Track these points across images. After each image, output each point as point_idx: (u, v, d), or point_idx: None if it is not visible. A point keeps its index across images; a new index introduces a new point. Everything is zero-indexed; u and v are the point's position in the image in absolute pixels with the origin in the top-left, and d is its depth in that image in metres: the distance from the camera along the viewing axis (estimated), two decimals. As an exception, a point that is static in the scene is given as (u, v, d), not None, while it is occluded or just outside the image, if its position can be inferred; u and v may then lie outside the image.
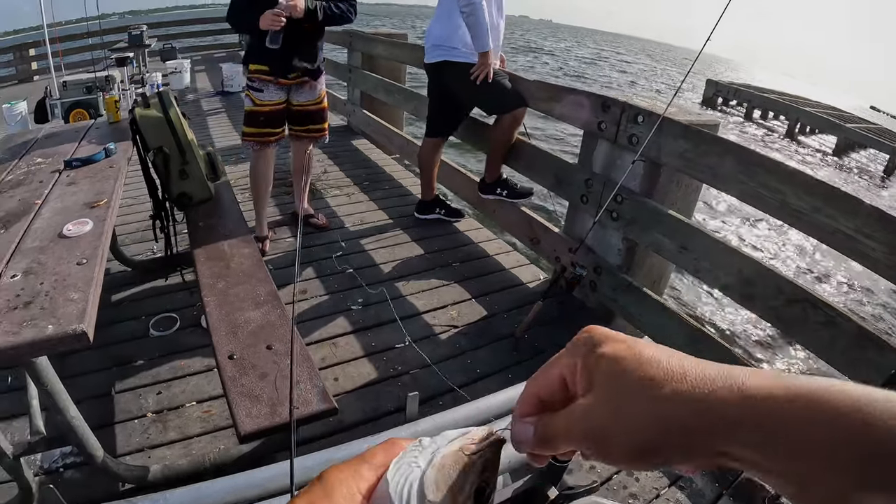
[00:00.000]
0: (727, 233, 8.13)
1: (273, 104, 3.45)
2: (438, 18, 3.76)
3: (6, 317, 1.40)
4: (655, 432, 0.37)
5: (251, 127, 3.51)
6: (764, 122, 22.58)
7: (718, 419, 0.35)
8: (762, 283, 2.30)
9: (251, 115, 3.49)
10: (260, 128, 3.49)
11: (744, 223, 8.42)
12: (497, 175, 3.96)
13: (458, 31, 3.60)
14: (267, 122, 3.49)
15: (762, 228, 8.24)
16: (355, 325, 3.07)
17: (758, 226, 8.32)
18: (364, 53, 6.60)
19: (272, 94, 3.42)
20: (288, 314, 2.01)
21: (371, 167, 5.77)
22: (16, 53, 15.21)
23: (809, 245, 7.74)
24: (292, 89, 3.52)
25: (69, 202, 2.16)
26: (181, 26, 17.41)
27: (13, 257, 1.72)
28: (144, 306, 3.18)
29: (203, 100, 9.59)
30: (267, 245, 3.81)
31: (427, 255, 3.90)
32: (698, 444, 0.36)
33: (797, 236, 7.68)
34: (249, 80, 3.44)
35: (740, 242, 7.81)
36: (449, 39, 3.68)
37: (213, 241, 2.59)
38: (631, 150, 2.85)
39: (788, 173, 2.20)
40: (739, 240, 7.93)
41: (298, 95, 3.55)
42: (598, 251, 3.16)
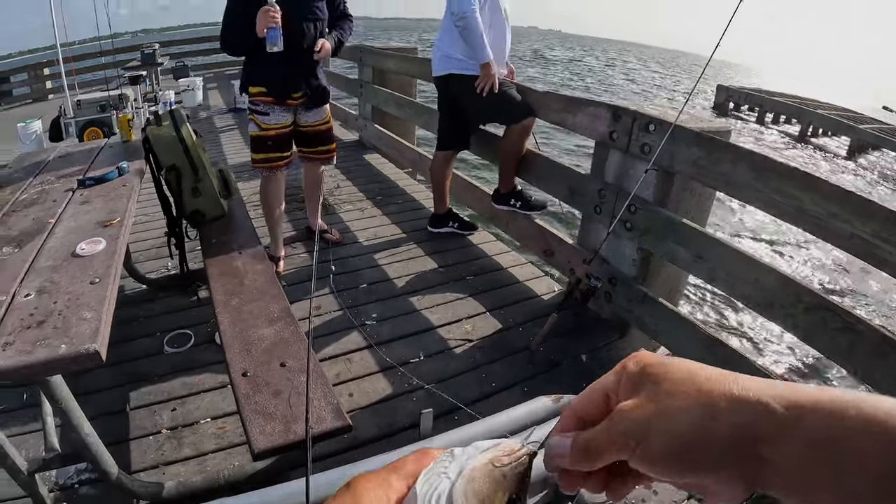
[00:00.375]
0: (744, 239, 8.09)
1: (280, 127, 3.41)
2: (443, 32, 3.78)
3: (20, 336, 1.40)
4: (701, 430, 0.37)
5: (259, 152, 3.47)
6: (776, 126, 22.42)
7: (766, 421, 0.35)
8: (780, 290, 2.27)
9: (258, 140, 3.44)
10: (268, 153, 3.45)
11: (762, 231, 8.36)
12: (511, 186, 3.95)
13: (461, 44, 3.61)
14: (275, 146, 3.45)
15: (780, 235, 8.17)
16: (370, 340, 3.06)
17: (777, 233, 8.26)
18: (375, 68, 6.62)
19: (278, 117, 3.38)
20: (301, 331, 2.01)
21: (384, 181, 5.79)
22: (30, 73, 15.47)
23: (829, 251, 7.67)
24: (298, 110, 3.48)
25: (82, 221, 2.17)
26: (193, 44, 17.58)
27: (27, 276, 1.73)
28: (159, 323, 3.19)
29: (215, 117, 9.69)
30: (282, 265, 3.80)
31: (441, 268, 3.90)
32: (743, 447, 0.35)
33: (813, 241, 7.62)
34: (253, 104, 3.38)
35: (756, 246, 7.76)
36: (454, 52, 3.70)
37: (226, 259, 2.59)
38: (643, 159, 2.83)
39: (803, 178, 2.18)
40: (754, 241, 7.90)
41: (306, 116, 3.52)
42: (612, 262, 3.14)
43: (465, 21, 3.43)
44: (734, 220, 8.57)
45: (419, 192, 5.43)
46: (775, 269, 2.34)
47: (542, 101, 3.65)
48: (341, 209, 4.92)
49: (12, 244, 1.98)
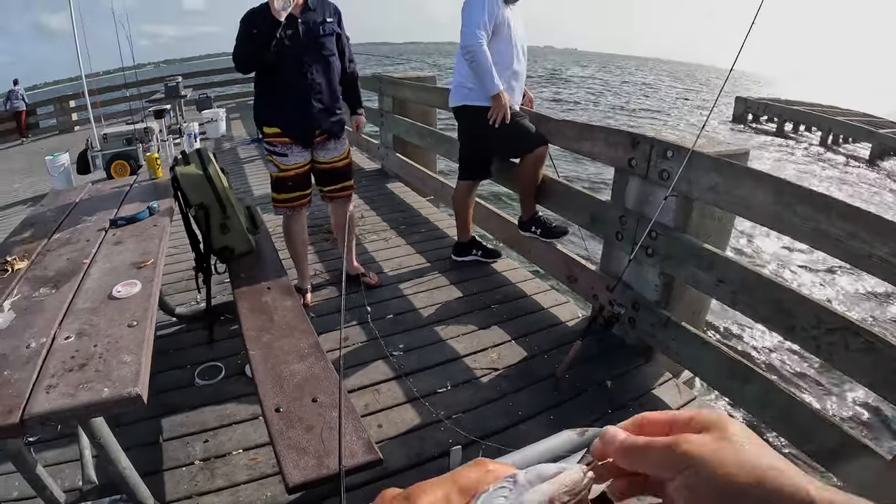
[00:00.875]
0: (766, 259, 8.04)
1: (299, 167, 3.42)
2: (457, 63, 3.83)
3: (63, 378, 1.46)
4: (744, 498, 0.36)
5: (280, 193, 3.48)
6: (796, 135, 22.17)
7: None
8: (801, 312, 2.28)
9: (278, 181, 3.45)
10: (289, 192, 3.47)
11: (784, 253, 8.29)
12: (532, 212, 3.99)
13: (473, 75, 3.64)
14: (295, 186, 3.46)
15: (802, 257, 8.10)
16: (397, 370, 3.09)
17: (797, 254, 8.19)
18: (394, 98, 6.71)
19: (296, 157, 3.39)
20: (331, 366, 2.05)
21: (407, 210, 5.85)
22: (56, 105, 15.80)
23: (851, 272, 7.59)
24: (316, 147, 3.48)
25: (117, 262, 2.24)
26: (215, 75, 17.84)
27: (66, 318, 1.79)
28: (189, 355, 3.26)
29: (239, 147, 9.86)
30: (309, 297, 3.83)
31: (466, 297, 3.93)
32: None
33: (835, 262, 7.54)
34: (270, 145, 3.38)
35: (778, 269, 7.70)
36: (467, 82, 3.74)
37: (255, 294, 2.65)
38: (663, 186, 2.86)
39: (821, 200, 2.19)
40: (776, 264, 7.83)
41: (325, 152, 3.52)
42: (635, 287, 3.16)
43: (472, 54, 3.49)
44: (755, 243, 8.51)
45: (442, 220, 5.48)
46: (795, 291, 2.35)
47: (558, 130, 3.69)
48: (366, 239, 4.98)
49: (49, 285, 2.05)
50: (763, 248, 8.38)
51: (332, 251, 4.63)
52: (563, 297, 3.96)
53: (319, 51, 3.27)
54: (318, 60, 3.27)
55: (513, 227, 4.21)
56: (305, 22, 3.21)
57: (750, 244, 8.45)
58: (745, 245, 8.38)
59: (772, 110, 23.54)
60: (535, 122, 3.77)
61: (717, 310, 5.63)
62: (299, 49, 3.19)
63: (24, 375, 1.47)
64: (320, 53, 3.28)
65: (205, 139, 10.71)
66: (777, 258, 8.10)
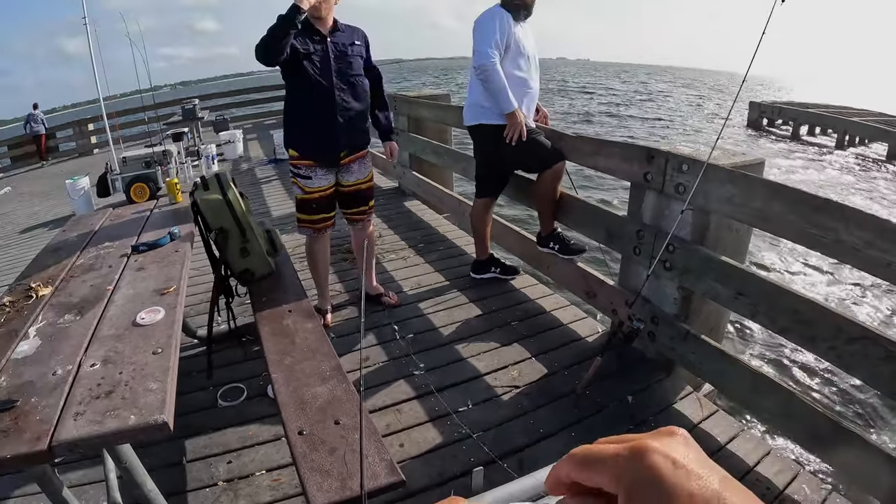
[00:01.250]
0: (787, 268, 7.99)
1: (323, 190, 3.46)
2: (471, 82, 3.85)
3: (90, 406, 1.48)
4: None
5: (306, 214, 3.53)
6: (812, 138, 22.04)
7: None
8: (821, 323, 2.27)
9: (303, 203, 3.50)
10: (313, 214, 3.52)
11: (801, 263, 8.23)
12: (550, 228, 4.00)
13: (488, 94, 3.66)
14: (319, 209, 3.51)
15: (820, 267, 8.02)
16: (418, 390, 3.10)
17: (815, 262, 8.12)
18: (409, 116, 6.76)
19: (320, 180, 3.44)
20: (353, 388, 2.07)
21: (425, 228, 5.87)
22: (75, 128, 16.04)
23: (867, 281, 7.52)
24: (340, 170, 3.52)
25: (140, 288, 2.27)
26: (231, 96, 18.02)
27: (91, 345, 1.82)
28: (212, 377, 3.28)
29: (256, 168, 9.95)
30: (329, 318, 3.85)
31: (485, 315, 3.93)
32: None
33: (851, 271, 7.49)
34: (295, 167, 3.44)
35: (796, 279, 7.65)
36: (482, 101, 3.75)
37: (276, 317, 2.67)
38: (679, 199, 2.86)
39: (838, 209, 2.18)
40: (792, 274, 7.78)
41: (348, 175, 3.55)
42: (654, 301, 3.16)
43: (485, 73, 3.51)
44: (774, 254, 8.46)
45: (460, 237, 5.50)
46: (814, 302, 2.34)
47: (574, 146, 3.70)
48: (385, 259, 5.00)
49: (73, 311, 2.09)
50: (781, 258, 8.32)
51: (351, 271, 4.66)
52: (583, 312, 3.96)
53: (347, 71, 3.32)
54: (345, 80, 3.31)
55: (531, 243, 4.23)
56: (335, 42, 3.28)
57: (768, 255, 8.39)
58: (764, 256, 8.32)
59: (786, 114, 23.41)
60: (551, 139, 3.78)
61: (738, 321, 5.60)
62: (327, 67, 3.24)
63: (51, 402, 1.50)
64: (348, 74, 3.32)
65: (222, 160, 10.84)
66: (795, 268, 8.05)
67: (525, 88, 3.73)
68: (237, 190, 3.13)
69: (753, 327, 5.60)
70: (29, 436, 1.37)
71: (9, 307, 2.17)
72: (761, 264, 7.94)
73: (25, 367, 1.69)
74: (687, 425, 2.73)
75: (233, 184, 3.12)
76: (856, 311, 6.59)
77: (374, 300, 4.06)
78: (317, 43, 3.21)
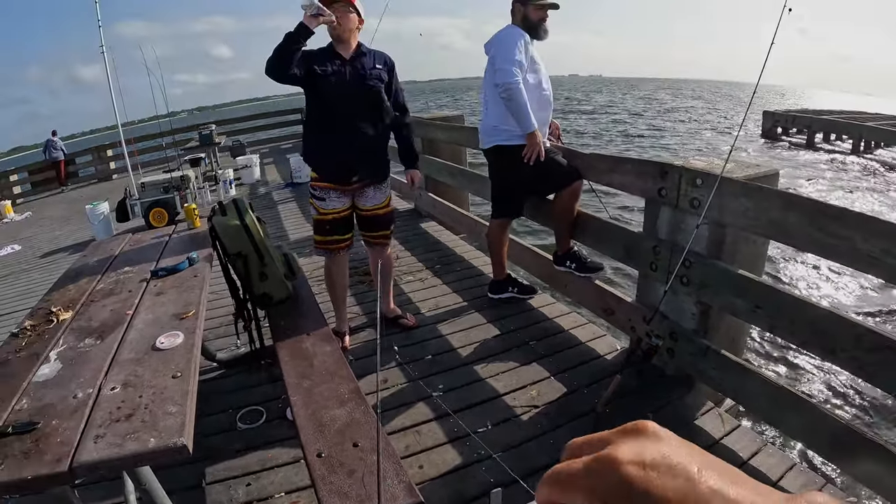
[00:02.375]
0: (804, 279, 7.94)
1: (337, 212, 3.49)
2: (486, 105, 3.88)
3: (110, 428, 1.50)
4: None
5: (320, 235, 3.56)
6: (827, 144, 21.98)
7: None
8: (840, 333, 2.25)
9: (318, 223, 3.54)
10: (327, 235, 3.54)
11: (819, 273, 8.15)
12: (567, 247, 4.00)
13: (506, 116, 3.67)
14: (333, 230, 3.53)
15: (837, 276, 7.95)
16: (437, 411, 3.09)
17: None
18: (424, 138, 6.80)
19: (334, 202, 3.46)
20: (371, 410, 2.07)
21: (442, 249, 5.88)
22: (94, 154, 16.31)
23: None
24: (356, 194, 3.56)
25: (159, 313, 2.30)
26: (247, 121, 18.19)
27: (111, 369, 1.85)
28: (231, 400, 3.31)
29: (274, 192, 10.03)
30: (347, 340, 3.86)
31: (503, 335, 3.92)
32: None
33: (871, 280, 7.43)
34: (311, 188, 3.49)
35: (814, 291, 7.58)
36: (498, 123, 3.77)
37: (295, 340, 2.67)
38: (694, 214, 2.85)
39: (854, 218, 2.18)
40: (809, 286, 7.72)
41: (364, 200, 3.58)
42: (672, 317, 3.14)
43: (509, 92, 3.51)
44: (790, 265, 8.40)
45: (477, 258, 5.50)
46: (834, 312, 2.32)
47: (589, 164, 3.72)
48: (402, 280, 5.01)
49: (94, 336, 2.12)
50: (797, 269, 8.26)
51: (369, 293, 4.68)
52: (601, 330, 3.94)
53: (365, 95, 3.32)
54: (363, 105, 3.32)
55: (547, 262, 4.23)
56: (354, 66, 3.30)
57: (785, 266, 8.33)
58: (780, 267, 8.26)
59: (800, 122, 23.35)
60: (567, 158, 3.80)
61: (757, 334, 5.56)
62: (345, 91, 3.26)
63: (71, 425, 1.52)
64: (366, 98, 3.32)
65: (240, 185, 10.95)
66: (812, 279, 7.98)
67: (543, 108, 3.75)
68: (254, 215, 3.15)
69: (772, 338, 5.55)
70: (50, 457, 1.39)
71: (30, 331, 2.21)
72: (778, 276, 7.88)
73: (46, 391, 1.72)
74: (709, 441, 2.71)
75: (250, 209, 3.15)
76: (874, 320, 6.53)
77: (393, 322, 4.06)
78: (337, 66, 3.25)
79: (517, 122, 3.61)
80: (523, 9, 3.71)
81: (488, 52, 3.73)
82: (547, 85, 3.78)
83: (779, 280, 7.69)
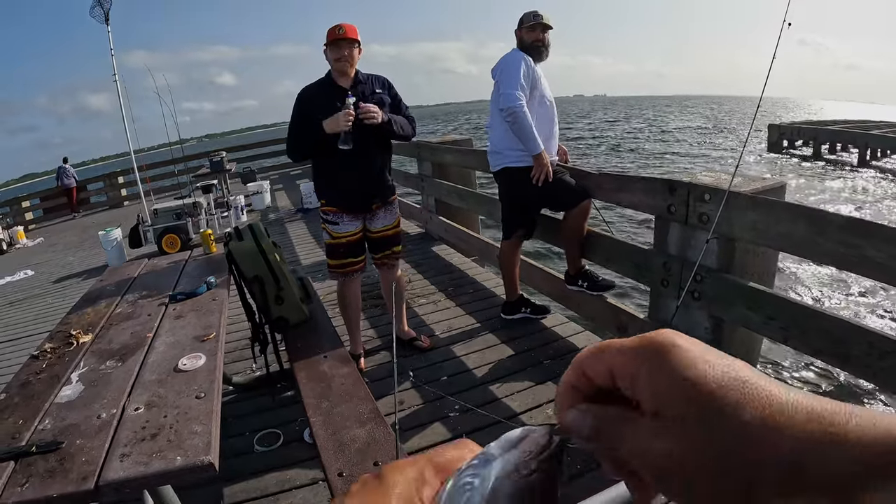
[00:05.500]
0: (814, 288, 7.91)
1: (350, 235, 3.54)
2: (493, 128, 3.93)
3: (136, 447, 1.52)
4: (752, 474, 0.28)
5: (334, 259, 3.60)
6: (833, 155, 22.00)
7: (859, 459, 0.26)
8: (853, 340, 2.26)
9: (331, 247, 3.58)
10: (341, 259, 3.58)
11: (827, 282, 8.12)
12: (578, 267, 4.02)
13: (513, 139, 3.72)
14: (347, 253, 3.56)
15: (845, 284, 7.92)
16: (454, 431, 3.10)
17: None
18: (433, 162, 6.87)
19: (347, 226, 3.51)
20: (391, 430, 2.08)
21: (453, 272, 5.90)
22: (106, 181, 16.48)
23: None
24: (367, 216, 3.60)
25: (180, 336, 2.33)
26: (257, 148, 18.27)
27: (134, 390, 1.87)
28: (248, 423, 3.33)
29: (285, 218, 10.08)
30: (363, 362, 3.88)
31: (518, 355, 3.93)
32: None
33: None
34: (324, 213, 3.54)
35: (825, 299, 7.55)
36: (506, 146, 3.82)
37: (312, 363, 2.68)
38: (703, 229, 2.88)
39: (862, 226, 2.20)
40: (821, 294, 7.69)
41: (375, 222, 3.62)
42: (685, 332, 3.11)
43: (514, 115, 3.56)
44: (799, 274, 8.37)
45: (489, 279, 5.51)
46: (845, 320, 2.34)
47: (597, 183, 3.75)
48: (416, 303, 5.03)
49: (115, 358, 2.15)
50: (806, 278, 8.24)
51: (382, 316, 4.70)
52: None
53: (370, 122, 3.31)
54: (366, 133, 3.32)
55: (559, 282, 4.25)
56: (355, 90, 3.33)
57: (794, 276, 8.31)
58: (790, 277, 8.24)
59: (806, 133, 23.36)
60: (575, 177, 3.83)
61: (772, 345, 5.54)
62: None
63: (96, 444, 1.54)
64: (369, 126, 3.31)
65: (251, 211, 11.04)
66: (822, 288, 7.95)
67: (548, 129, 3.80)
68: (270, 240, 3.19)
69: (784, 348, 5.54)
70: (75, 475, 1.42)
71: (50, 353, 2.25)
72: (788, 287, 7.86)
73: (69, 411, 1.75)
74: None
75: (266, 233, 3.19)
76: (884, 325, 6.52)
77: (408, 344, 4.08)
78: (338, 99, 3.26)
79: (523, 144, 3.65)
80: (519, 32, 3.82)
81: (494, 76, 3.79)
82: (552, 105, 3.84)
83: (789, 290, 7.67)
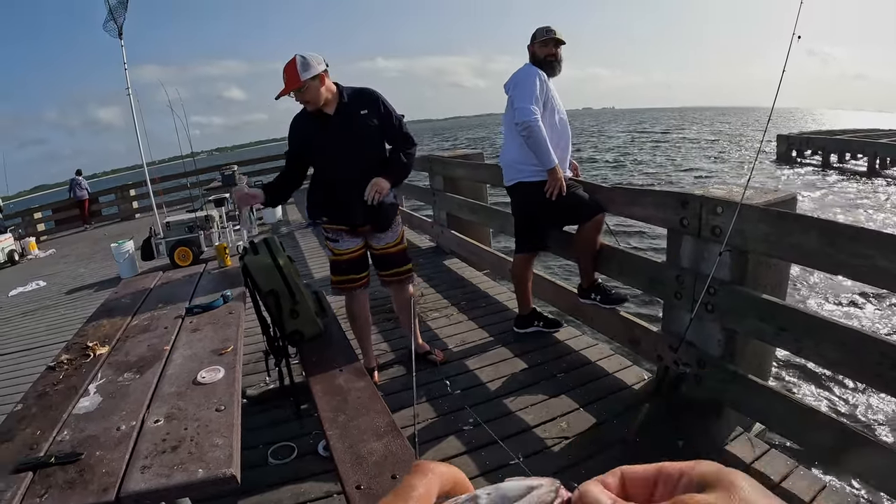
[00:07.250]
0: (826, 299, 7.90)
1: (351, 251, 3.55)
2: (507, 141, 3.96)
3: (156, 459, 1.54)
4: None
5: (337, 275, 3.62)
6: (843, 164, 21.99)
7: None
8: (865, 351, 2.26)
9: (334, 263, 3.61)
10: (344, 275, 3.60)
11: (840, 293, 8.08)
12: (591, 280, 4.03)
13: (526, 153, 3.74)
14: (349, 269, 3.58)
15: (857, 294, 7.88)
16: (468, 445, 3.11)
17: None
18: (444, 176, 6.90)
19: (347, 243, 3.53)
20: (408, 443, 2.09)
21: (466, 286, 5.91)
22: (117, 194, 16.61)
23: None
24: (368, 234, 3.59)
25: (197, 349, 2.36)
26: (266, 162, 18.32)
27: (153, 402, 1.89)
28: (262, 436, 3.33)
29: (296, 231, 10.08)
30: (376, 376, 3.90)
31: (531, 368, 3.94)
32: None
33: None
34: (324, 231, 3.56)
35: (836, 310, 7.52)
36: (519, 160, 3.85)
37: (328, 376, 2.69)
38: (716, 242, 2.88)
39: (873, 236, 2.21)
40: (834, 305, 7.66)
41: (377, 240, 3.62)
42: (698, 345, 3.14)
43: (529, 130, 3.58)
44: (811, 285, 8.35)
45: (501, 293, 5.53)
46: (857, 330, 2.34)
47: (610, 197, 3.76)
48: (428, 317, 5.05)
49: (133, 370, 2.18)
50: (821, 289, 8.20)
51: (395, 330, 4.71)
52: (628, 361, 3.94)
53: (354, 145, 3.32)
54: (352, 155, 3.33)
55: (572, 295, 4.26)
56: (341, 120, 3.31)
57: (808, 287, 8.29)
58: (801, 288, 8.21)
59: (815, 143, 23.37)
60: (588, 191, 3.84)
61: (783, 357, 5.53)
62: (333, 145, 3.30)
63: (116, 456, 1.56)
64: (355, 148, 3.32)
65: (262, 224, 11.13)
66: (834, 299, 7.92)
67: (562, 143, 3.82)
68: (286, 254, 3.22)
69: (796, 359, 5.53)
70: (96, 487, 1.43)
71: (67, 364, 2.27)
72: (801, 298, 7.84)
73: (88, 423, 1.77)
74: (739, 466, 2.67)
75: (282, 248, 3.22)
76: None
77: (422, 358, 4.09)
78: (321, 129, 3.30)
79: (537, 158, 3.67)
80: (532, 47, 3.86)
81: (508, 91, 3.82)
82: (564, 120, 3.86)
83: (802, 302, 7.65)
